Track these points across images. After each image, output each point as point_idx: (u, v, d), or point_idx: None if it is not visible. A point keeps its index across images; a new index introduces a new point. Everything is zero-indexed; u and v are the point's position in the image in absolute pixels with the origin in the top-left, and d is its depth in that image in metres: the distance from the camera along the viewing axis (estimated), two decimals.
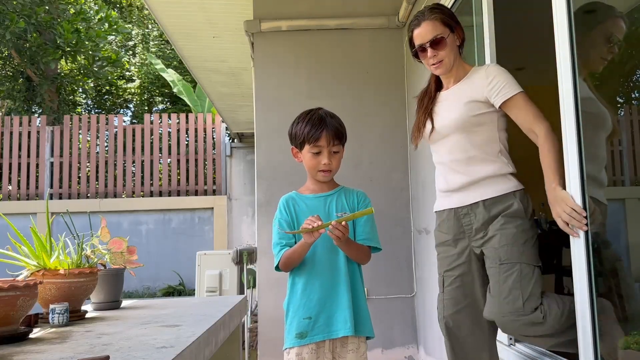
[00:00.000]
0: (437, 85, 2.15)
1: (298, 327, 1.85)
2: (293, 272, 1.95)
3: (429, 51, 2.01)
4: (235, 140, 9.89)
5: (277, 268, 1.95)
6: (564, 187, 1.78)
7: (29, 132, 9.24)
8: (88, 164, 9.34)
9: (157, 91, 15.43)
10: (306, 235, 1.81)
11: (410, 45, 2.12)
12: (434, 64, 2.04)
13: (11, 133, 9.20)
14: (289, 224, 1.93)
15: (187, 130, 9.62)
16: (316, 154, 1.91)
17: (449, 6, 3.21)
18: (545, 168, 1.84)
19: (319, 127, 1.90)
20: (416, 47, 2.05)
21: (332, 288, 1.88)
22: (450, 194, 2.07)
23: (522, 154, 2.24)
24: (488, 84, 1.94)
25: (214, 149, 9.51)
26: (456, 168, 2.03)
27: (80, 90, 14.11)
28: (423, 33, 2.02)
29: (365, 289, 4.09)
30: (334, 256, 1.90)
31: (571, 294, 1.92)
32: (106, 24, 11.72)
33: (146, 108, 15.49)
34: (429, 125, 2.08)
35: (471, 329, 2.02)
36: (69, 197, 9.10)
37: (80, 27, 11.31)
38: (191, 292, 8.51)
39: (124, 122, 13.94)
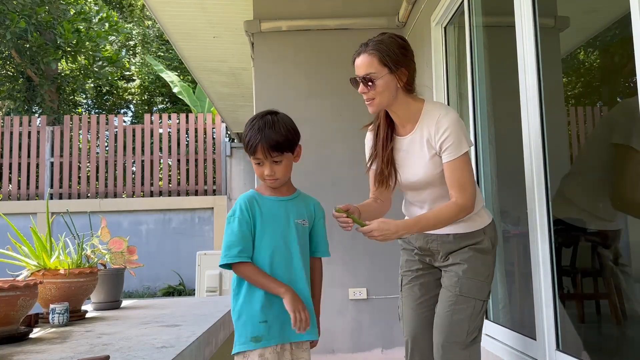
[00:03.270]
0: (388, 120, 2.06)
1: (253, 331, 1.78)
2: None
3: (361, 86, 1.95)
4: (235, 140, 9.89)
5: (226, 266, 1.81)
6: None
7: (29, 132, 9.24)
8: (88, 164, 9.33)
9: (157, 91, 15.44)
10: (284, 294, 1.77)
11: None
12: (365, 100, 1.99)
13: (11, 133, 9.20)
14: (248, 225, 1.82)
15: (187, 130, 9.62)
16: (258, 164, 1.85)
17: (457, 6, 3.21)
18: (421, 215, 1.94)
19: (255, 140, 1.80)
20: (351, 77, 1.99)
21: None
22: None
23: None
24: (439, 138, 1.90)
25: (214, 149, 9.51)
26: (429, 209, 2.04)
27: (81, 90, 14.11)
28: (359, 65, 1.95)
29: (366, 289, 4.11)
30: (291, 261, 1.85)
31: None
32: (106, 24, 11.72)
33: (146, 108, 15.49)
34: (393, 177, 2.05)
35: (428, 325, 2.09)
36: (69, 197, 9.10)
37: (81, 27, 11.32)
38: (191, 292, 8.52)
39: (124, 122, 13.93)
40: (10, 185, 9.16)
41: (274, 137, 1.80)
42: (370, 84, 1.92)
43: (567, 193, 2.24)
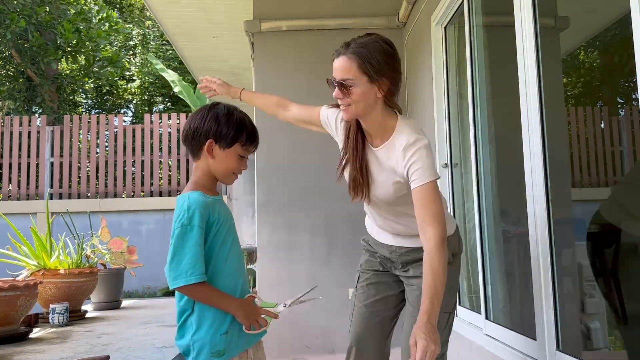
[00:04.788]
0: (359, 126, 1.90)
1: (215, 345, 1.60)
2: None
3: (336, 90, 1.78)
4: None
5: (177, 285, 1.62)
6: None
7: (29, 132, 9.23)
8: (88, 164, 9.33)
9: (158, 91, 15.44)
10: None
11: None
12: (340, 106, 1.83)
13: (11, 133, 9.19)
14: (202, 236, 1.61)
15: None
16: (242, 157, 1.72)
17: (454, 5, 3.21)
18: (425, 288, 1.65)
19: (257, 133, 1.75)
20: (328, 79, 1.82)
21: (240, 296, 1.70)
22: (382, 231, 2.04)
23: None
24: (405, 164, 1.76)
25: None
26: (391, 220, 1.96)
27: (81, 90, 14.11)
28: (336, 67, 1.78)
29: None
30: (242, 263, 1.74)
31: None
32: (107, 24, 11.72)
33: (146, 108, 15.49)
34: (367, 188, 1.90)
35: (378, 331, 2.06)
36: (69, 197, 9.08)
37: (81, 27, 11.31)
38: None
39: (124, 122, 13.93)
40: (10, 185, 9.16)
41: None
42: (346, 90, 1.75)
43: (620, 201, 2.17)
